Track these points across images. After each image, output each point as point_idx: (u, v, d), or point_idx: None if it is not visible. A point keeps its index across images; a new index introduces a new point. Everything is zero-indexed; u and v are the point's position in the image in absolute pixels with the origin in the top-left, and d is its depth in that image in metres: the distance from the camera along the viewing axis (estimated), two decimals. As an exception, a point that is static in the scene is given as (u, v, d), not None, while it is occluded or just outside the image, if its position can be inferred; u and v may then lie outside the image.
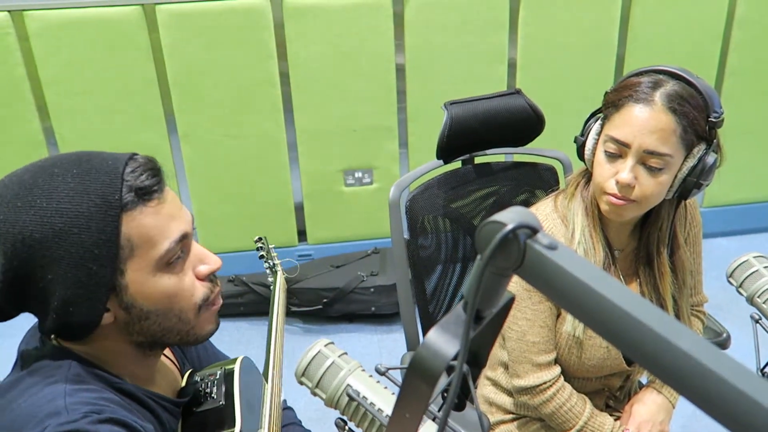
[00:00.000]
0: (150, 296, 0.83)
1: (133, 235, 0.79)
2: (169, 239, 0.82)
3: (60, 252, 0.76)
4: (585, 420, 1.25)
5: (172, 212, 0.84)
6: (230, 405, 0.93)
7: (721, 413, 0.38)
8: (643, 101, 1.08)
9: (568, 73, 2.70)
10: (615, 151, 1.11)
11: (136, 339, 0.86)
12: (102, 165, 0.80)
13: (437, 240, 1.53)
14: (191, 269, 0.88)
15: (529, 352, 1.24)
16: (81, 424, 0.72)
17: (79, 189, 0.77)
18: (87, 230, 0.76)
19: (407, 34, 2.62)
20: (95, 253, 0.77)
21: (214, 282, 0.91)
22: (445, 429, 0.59)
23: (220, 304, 0.92)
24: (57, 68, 2.48)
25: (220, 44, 2.52)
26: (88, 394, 0.78)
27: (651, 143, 1.07)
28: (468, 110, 1.44)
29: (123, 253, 0.79)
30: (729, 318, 1.49)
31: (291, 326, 2.73)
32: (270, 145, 2.72)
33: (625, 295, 0.44)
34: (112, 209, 0.78)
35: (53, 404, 0.74)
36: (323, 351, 0.74)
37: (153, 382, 0.94)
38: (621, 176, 1.10)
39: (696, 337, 0.41)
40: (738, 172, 3.04)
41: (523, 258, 0.49)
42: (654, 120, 1.07)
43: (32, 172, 0.80)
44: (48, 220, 0.76)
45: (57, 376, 0.80)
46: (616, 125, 1.11)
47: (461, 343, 0.53)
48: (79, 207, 0.77)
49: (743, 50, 2.82)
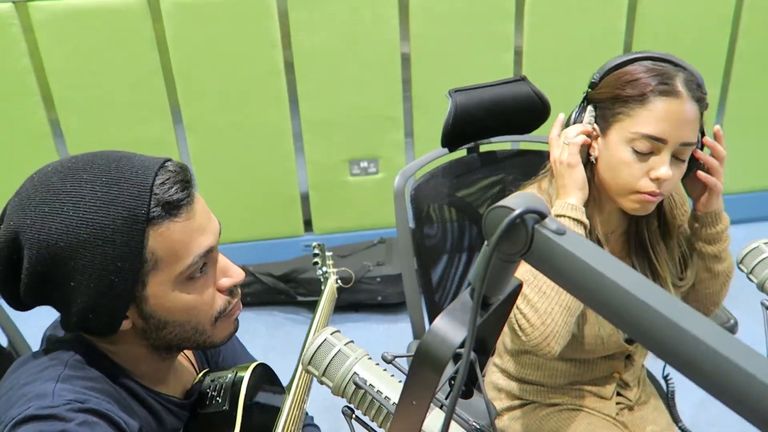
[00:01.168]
0: (170, 309, 0.82)
1: (158, 249, 0.78)
2: (194, 254, 0.81)
3: (83, 262, 0.76)
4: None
5: (200, 225, 0.82)
6: (233, 411, 0.92)
7: (732, 397, 0.38)
8: (669, 93, 1.06)
9: (574, 61, 2.68)
10: (648, 150, 1.08)
11: (152, 344, 0.86)
12: (131, 174, 0.78)
13: (443, 229, 1.53)
14: (213, 282, 0.87)
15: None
16: (59, 410, 0.73)
17: (106, 200, 0.76)
18: (112, 243, 0.76)
19: (412, 22, 2.60)
20: (118, 265, 0.76)
21: (234, 293, 0.90)
22: (452, 417, 0.59)
23: (239, 311, 0.91)
24: (62, 59, 2.48)
25: (224, 34, 2.51)
26: (80, 383, 0.79)
27: (687, 135, 1.07)
28: (473, 98, 1.43)
29: (147, 266, 0.78)
30: (737, 306, 1.48)
31: (298, 316, 2.73)
32: (275, 135, 2.71)
33: (635, 280, 0.43)
34: (139, 223, 0.76)
35: (44, 387, 0.76)
36: (329, 339, 0.74)
37: (164, 383, 0.94)
38: (663, 173, 1.07)
39: (706, 322, 0.41)
40: (747, 159, 3.02)
41: (530, 243, 0.49)
42: (687, 112, 1.07)
43: (62, 175, 0.78)
44: (74, 230, 0.75)
45: (59, 360, 0.81)
46: (647, 122, 1.07)
47: (468, 330, 0.53)
48: (105, 219, 0.76)
49: (752, 36, 2.79)
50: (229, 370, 1.00)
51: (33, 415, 0.72)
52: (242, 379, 0.96)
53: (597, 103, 1.14)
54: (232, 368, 1.00)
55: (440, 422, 0.67)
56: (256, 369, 1.00)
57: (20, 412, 0.73)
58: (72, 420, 0.72)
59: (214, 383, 0.97)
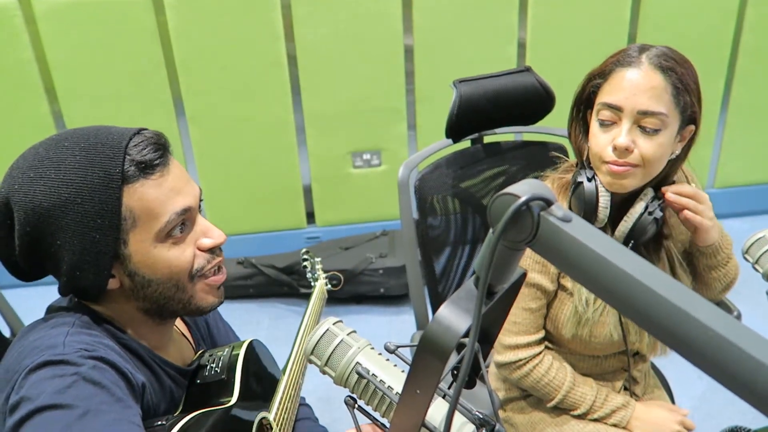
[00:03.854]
0: (152, 265, 0.87)
1: (134, 207, 0.83)
2: (170, 212, 0.85)
3: (66, 220, 0.81)
4: (565, 392, 1.26)
5: (175, 185, 0.87)
6: (231, 379, 0.97)
7: (740, 384, 0.37)
8: (630, 64, 1.09)
9: (578, 53, 2.67)
10: (609, 119, 1.11)
11: (142, 305, 0.90)
12: (108, 139, 0.84)
13: (446, 220, 1.52)
14: (194, 242, 0.90)
15: (509, 332, 1.26)
16: (71, 356, 0.78)
17: (84, 162, 0.82)
18: (90, 201, 0.81)
19: (415, 14, 2.59)
20: (98, 222, 0.82)
21: (216, 254, 0.93)
22: (456, 406, 0.59)
23: (219, 278, 0.94)
24: (64, 51, 2.47)
25: (227, 26, 2.50)
26: (88, 338, 0.83)
27: (644, 103, 1.07)
28: (477, 88, 1.43)
29: (125, 224, 0.83)
30: (740, 298, 1.48)
31: (300, 308, 2.73)
32: (278, 127, 2.71)
33: (642, 267, 0.43)
34: (114, 181, 0.82)
35: (54, 339, 0.81)
36: (332, 329, 0.73)
37: (165, 350, 0.98)
38: (618, 141, 1.09)
39: (713, 308, 0.40)
40: (751, 152, 3.01)
41: (536, 231, 0.49)
42: (644, 79, 1.07)
43: (46, 145, 0.85)
44: (55, 191, 0.81)
45: (66, 320, 0.86)
46: (607, 92, 1.11)
47: (473, 319, 0.52)
48: (83, 178, 0.81)
49: (758, 29, 2.77)
50: (226, 346, 1.05)
51: (46, 360, 0.77)
52: (238, 352, 1.02)
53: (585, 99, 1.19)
54: (229, 344, 1.06)
55: (443, 412, 0.66)
56: (251, 344, 1.05)
57: (33, 360, 0.77)
58: (83, 365, 0.77)
59: (212, 357, 1.02)
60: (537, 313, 1.25)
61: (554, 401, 1.27)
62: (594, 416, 1.27)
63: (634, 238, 1.16)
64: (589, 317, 1.21)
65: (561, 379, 1.26)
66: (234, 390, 0.95)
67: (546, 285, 1.22)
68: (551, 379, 1.26)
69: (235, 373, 0.97)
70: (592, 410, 1.27)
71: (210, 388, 0.97)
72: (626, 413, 1.26)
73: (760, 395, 0.37)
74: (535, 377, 1.26)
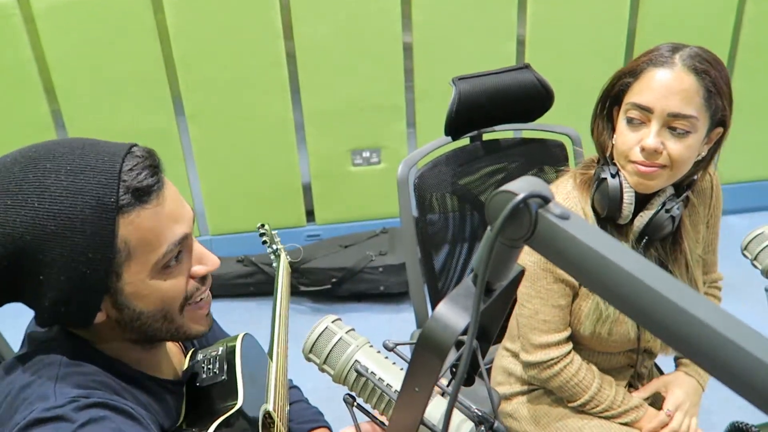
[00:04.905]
0: (145, 297, 0.80)
1: (130, 239, 0.75)
2: (168, 242, 0.78)
3: (52, 255, 0.72)
4: (592, 394, 1.25)
5: (171, 212, 0.79)
6: (232, 379, 0.93)
7: (740, 382, 0.37)
8: (662, 64, 1.07)
9: (578, 49, 2.66)
10: (638, 118, 1.10)
11: (129, 336, 0.84)
12: (97, 162, 0.74)
13: (445, 217, 1.52)
14: (188, 270, 0.84)
15: (539, 330, 1.24)
16: (65, 410, 0.71)
17: (73, 189, 0.72)
18: (81, 233, 0.72)
19: (414, 12, 2.59)
20: (90, 257, 0.73)
21: (205, 283, 0.88)
22: (454, 404, 0.59)
23: (206, 308, 0.89)
24: (64, 50, 2.47)
25: (226, 24, 2.50)
26: (81, 378, 0.77)
27: (675, 105, 1.06)
28: (476, 85, 1.43)
29: (120, 257, 0.75)
30: (741, 297, 1.48)
31: (300, 306, 2.73)
32: (277, 125, 2.70)
33: (640, 264, 0.43)
34: (108, 212, 0.73)
35: (43, 389, 0.74)
36: (330, 327, 0.73)
37: (159, 369, 0.93)
38: (647, 142, 1.07)
39: (713, 307, 0.40)
40: (751, 148, 3.00)
41: (534, 228, 0.48)
42: (676, 81, 1.06)
43: (22, 165, 0.74)
44: (40, 222, 0.71)
45: (53, 359, 0.78)
46: (637, 91, 1.10)
47: (471, 316, 0.52)
48: (72, 209, 0.72)
49: (757, 24, 2.77)
50: (217, 343, 1.00)
51: (38, 418, 0.70)
52: (234, 349, 0.97)
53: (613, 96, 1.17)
54: (219, 342, 1.01)
55: (442, 409, 0.66)
56: (245, 339, 1.01)
57: (24, 416, 0.70)
58: (77, 420, 0.70)
59: (207, 358, 0.97)
60: (566, 309, 1.24)
61: (579, 402, 1.26)
62: (608, 414, 1.27)
63: (648, 234, 1.16)
64: (609, 314, 1.21)
65: (590, 380, 1.26)
66: (238, 391, 0.92)
67: (573, 280, 1.21)
68: (581, 379, 1.25)
69: (236, 374, 0.94)
70: (610, 409, 1.26)
71: (212, 392, 0.93)
72: (639, 414, 1.26)
73: (759, 392, 0.36)
74: (565, 377, 1.25)
